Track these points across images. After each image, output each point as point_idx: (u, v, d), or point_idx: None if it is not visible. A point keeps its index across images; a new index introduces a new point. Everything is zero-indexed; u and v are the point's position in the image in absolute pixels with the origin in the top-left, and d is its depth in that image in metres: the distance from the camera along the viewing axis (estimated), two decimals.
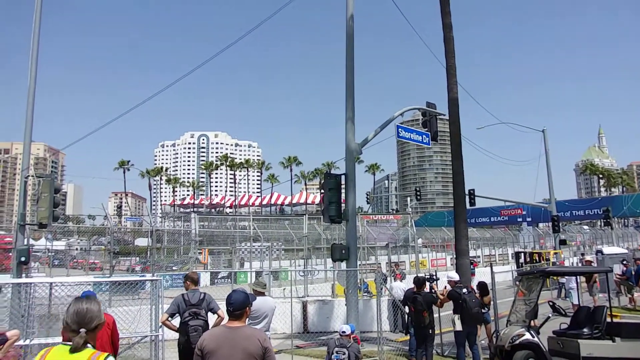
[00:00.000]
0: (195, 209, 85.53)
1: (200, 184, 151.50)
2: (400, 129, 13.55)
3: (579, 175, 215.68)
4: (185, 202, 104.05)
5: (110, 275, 14.62)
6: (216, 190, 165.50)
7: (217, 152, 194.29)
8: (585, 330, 9.00)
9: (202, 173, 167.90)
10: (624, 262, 18.70)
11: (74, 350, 2.63)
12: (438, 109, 14.61)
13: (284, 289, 17.91)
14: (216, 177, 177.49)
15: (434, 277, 11.11)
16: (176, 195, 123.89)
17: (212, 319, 7.03)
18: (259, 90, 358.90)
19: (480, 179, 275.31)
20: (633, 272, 17.49)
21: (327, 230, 26.42)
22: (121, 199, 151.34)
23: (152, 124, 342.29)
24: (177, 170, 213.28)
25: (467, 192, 28.58)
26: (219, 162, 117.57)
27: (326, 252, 23.64)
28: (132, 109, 16.59)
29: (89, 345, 2.72)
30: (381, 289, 12.91)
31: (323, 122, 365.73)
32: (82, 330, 2.68)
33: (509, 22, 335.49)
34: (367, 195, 55.01)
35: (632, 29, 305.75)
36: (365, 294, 17.14)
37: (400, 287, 13.60)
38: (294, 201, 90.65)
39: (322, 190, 12.48)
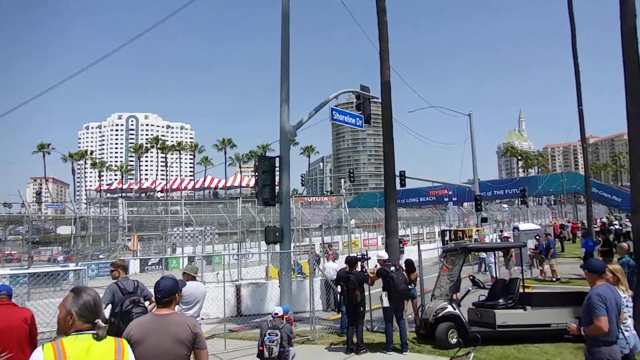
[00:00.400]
0: (123, 194, 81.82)
1: (129, 167, 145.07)
2: (334, 112, 13.67)
3: (500, 157, 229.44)
4: (113, 187, 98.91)
5: (28, 267, 13.76)
6: (146, 175, 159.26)
7: (147, 135, 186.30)
8: (500, 301, 9.73)
9: (131, 156, 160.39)
10: (537, 237, 20.26)
11: (99, 339, 2.73)
12: (372, 93, 14.88)
13: (217, 274, 17.75)
14: (146, 161, 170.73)
15: (365, 256, 11.53)
16: (103, 180, 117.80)
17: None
18: (192, 70, 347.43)
19: (411, 161, 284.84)
20: (544, 247, 19.00)
21: (261, 213, 26.35)
22: (41, 184, 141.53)
23: (75, 104, 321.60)
24: (103, 153, 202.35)
25: (398, 173, 29.56)
26: (149, 145, 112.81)
27: (260, 235, 23.62)
28: (51, 87, 15.48)
29: (107, 336, 2.83)
30: (314, 269, 13.16)
31: (259, 104, 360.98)
32: (98, 320, 2.79)
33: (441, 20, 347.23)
34: (302, 177, 55.25)
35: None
36: (299, 275, 17.38)
37: (333, 267, 13.93)
38: (228, 184, 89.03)
39: (256, 173, 12.42)
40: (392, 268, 9.47)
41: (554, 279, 17.97)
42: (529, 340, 9.02)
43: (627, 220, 31.63)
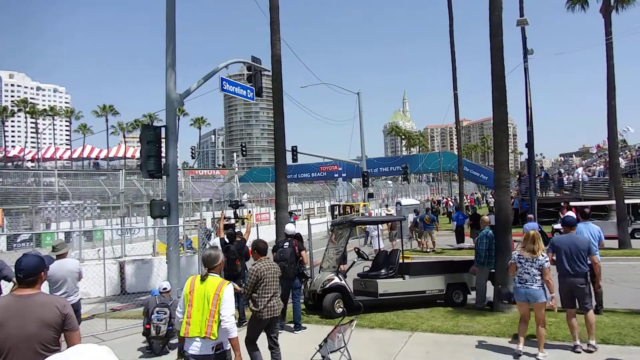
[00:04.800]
0: None
1: None
2: (224, 82, 13.21)
3: (386, 136, 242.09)
4: None
5: None
6: (13, 141, 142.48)
7: (12, 96, 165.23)
8: (382, 271, 10.37)
9: None
10: (416, 211, 21.86)
11: (202, 279, 4.49)
12: (264, 65, 14.65)
13: (99, 250, 16.61)
14: (12, 126, 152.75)
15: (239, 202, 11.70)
16: None
17: (5, 288, 6.22)
18: (67, 27, 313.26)
19: (304, 136, 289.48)
20: (417, 221, 20.53)
21: (147, 186, 25.06)
22: None
23: None
24: None
25: (290, 148, 29.81)
26: (15, 108, 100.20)
27: (147, 209, 22.43)
28: None
29: (213, 275, 4.53)
30: (204, 244, 12.88)
31: (145, 69, 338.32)
32: (207, 268, 4.58)
33: None
34: (192, 149, 53.30)
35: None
36: (189, 250, 16.94)
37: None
38: (111, 155, 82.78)
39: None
40: (286, 244, 9.17)
41: (427, 250, 19.58)
42: (406, 307, 9.78)
43: (491, 196, 35.42)
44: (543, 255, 6.68)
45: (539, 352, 6.56)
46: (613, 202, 19.03)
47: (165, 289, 8.22)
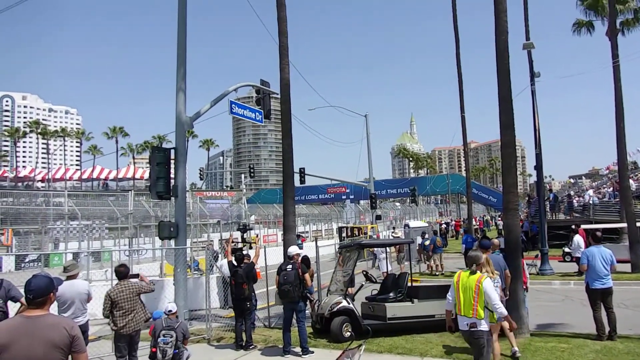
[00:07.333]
0: None
1: (4, 153, 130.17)
2: (233, 105, 13.40)
3: (394, 158, 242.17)
4: None
5: None
6: (24, 162, 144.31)
7: (25, 117, 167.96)
8: (391, 294, 10.24)
9: (6, 141, 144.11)
10: (423, 234, 21.68)
11: (470, 273, 5.82)
12: (273, 88, 14.83)
13: (106, 271, 16.61)
14: (24, 147, 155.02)
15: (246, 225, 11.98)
16: None
17: (13, 309, 6.21)
18: (79, 50, 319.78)
19: (312, 158, 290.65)
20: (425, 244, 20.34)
21: (156, 207, 25.15)
22: None
23: None
24: None
25: (298, 170, 29.89)
26: (27, 129, 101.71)
27: (155, 230, 22.49)
28: None
29: (477, 271, 5.86)
30: (211, 266, 12.84)
31: (155, 92, 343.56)
32: (474, 265, 5.91)
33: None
34: (201, 171, 53.50)
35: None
36: (196, 271, 16.89)
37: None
38: (120, 176, 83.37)
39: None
40: (289, 266, 9.00)
41: (436, 273, 19.36)
42: (415, 331, 9.60)
43: (500, 219, 35.10)
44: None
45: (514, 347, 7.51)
46: (624, 224, 18.77)
47: (170, 310, 8.14)
